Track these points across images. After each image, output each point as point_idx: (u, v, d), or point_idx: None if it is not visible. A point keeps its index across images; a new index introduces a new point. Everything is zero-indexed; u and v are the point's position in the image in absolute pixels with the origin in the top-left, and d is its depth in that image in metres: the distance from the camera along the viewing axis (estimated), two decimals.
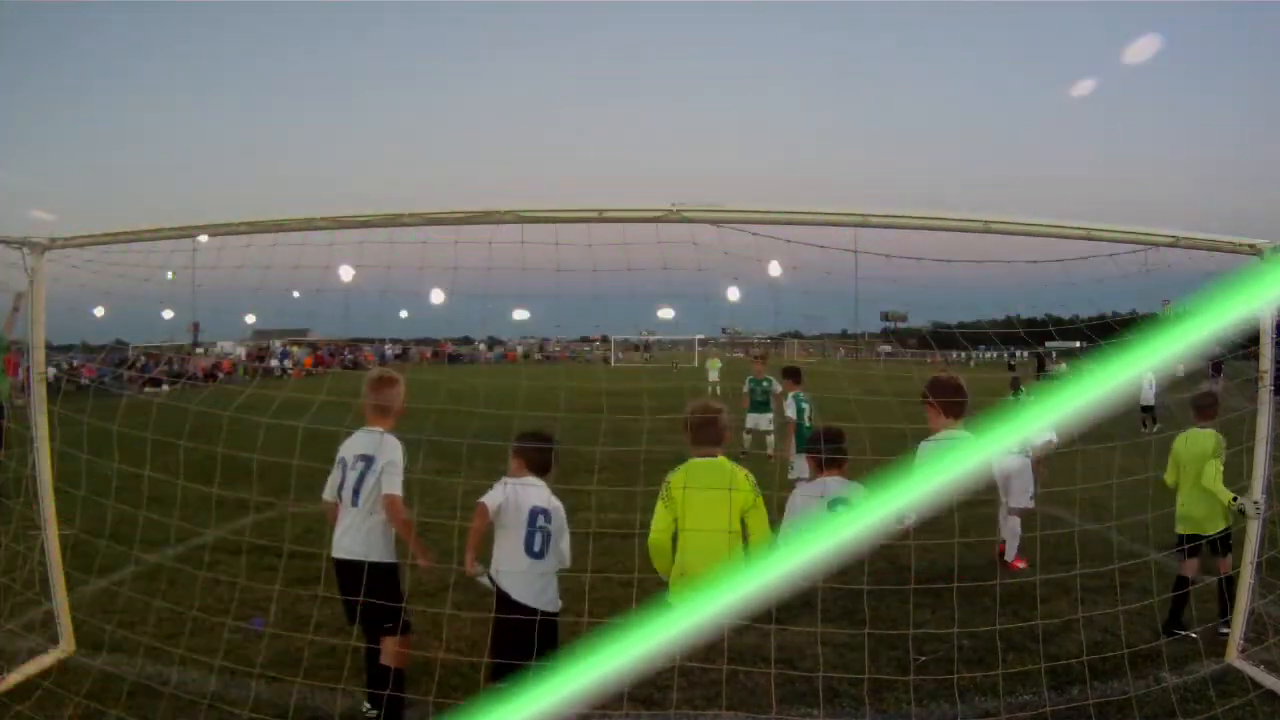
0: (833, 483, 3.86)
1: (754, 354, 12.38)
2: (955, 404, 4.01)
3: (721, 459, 3.70)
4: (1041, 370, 29.97)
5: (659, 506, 3.63)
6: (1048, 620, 4.24)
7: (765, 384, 11.28)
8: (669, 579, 3.68)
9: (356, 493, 3.63)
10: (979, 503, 6.29)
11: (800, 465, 7.14)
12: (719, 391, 20.30)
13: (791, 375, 9.09)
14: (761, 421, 11.36)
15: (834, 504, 3.79)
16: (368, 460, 3.63)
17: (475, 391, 5.49)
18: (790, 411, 8.40)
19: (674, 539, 3.62)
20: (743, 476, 3.63)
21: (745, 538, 3.60)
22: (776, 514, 3.88)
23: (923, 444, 3.95)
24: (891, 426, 4.41)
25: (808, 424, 8.15)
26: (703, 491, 3.54)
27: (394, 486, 3.60)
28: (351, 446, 3.74)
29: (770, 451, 10.77)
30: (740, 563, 3.52)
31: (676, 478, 3.63)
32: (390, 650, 3.61)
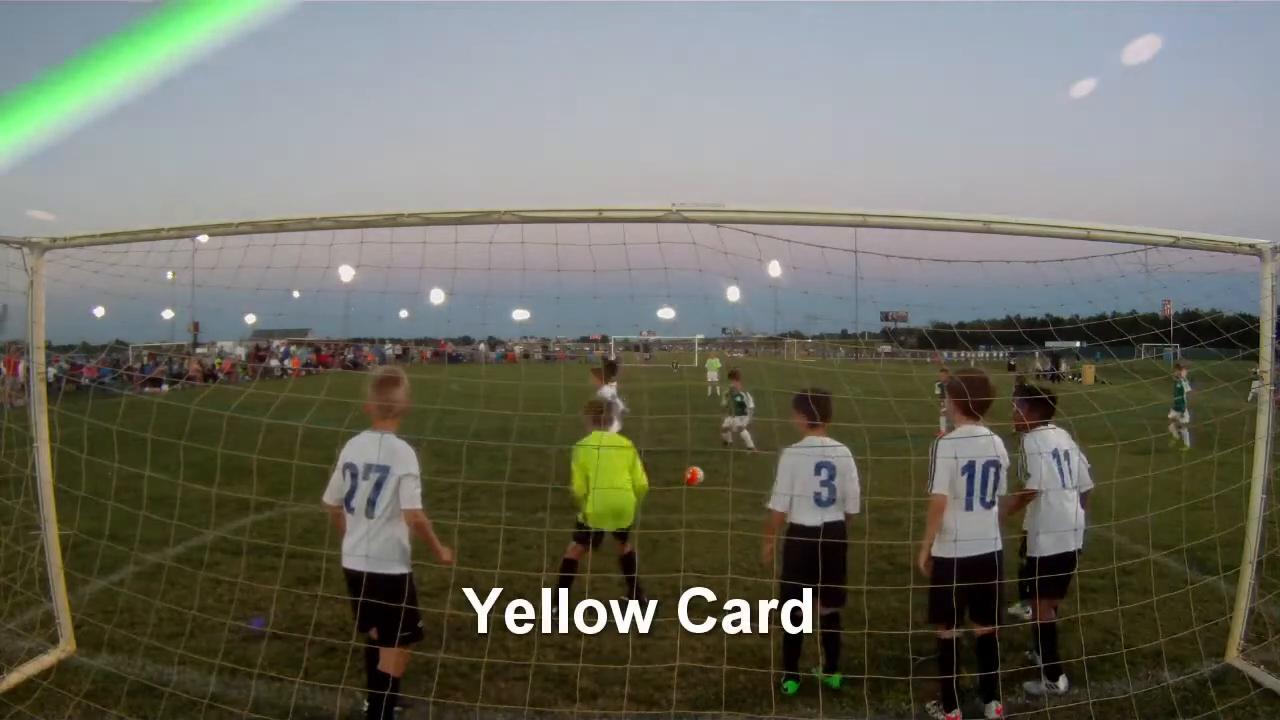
0: (817, 442, 4.09)
1: (731, 370, 13.92)
2: (980, 403, 3.87)
3: (615, 434, 5.20)
4: (1055, 371, 29.82)
5: (574, 468, 4.90)
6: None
7: (740, 397, 13.26)
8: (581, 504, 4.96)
9: (372, 504, 3.50)
10: None
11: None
12: (717, 392, 20.37)
13: (733, 375, 13.31)
14: (737, 422, 13.00)
15: (820, 468, 4.01)
16: (383, 470, 3.50)
17: (475, 391, 5.49)
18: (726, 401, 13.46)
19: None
20: (628, 443, 5.05)
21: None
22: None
23: (941, 441, 3.86)
24: (891, 426, 4.42)
25: (739, 399, 12.80)
26: (606, 455, 4.81)
27: (415, 500, 3.49)
28: (361, 453, 3.57)
29: (751, 447, 12.01)
30: (633, 497, 4.91)
31: (587, 447, 4.90)
32: (392, 659, 3.56)
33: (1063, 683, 4.03)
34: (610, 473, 4.83)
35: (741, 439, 12.50)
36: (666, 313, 4.05)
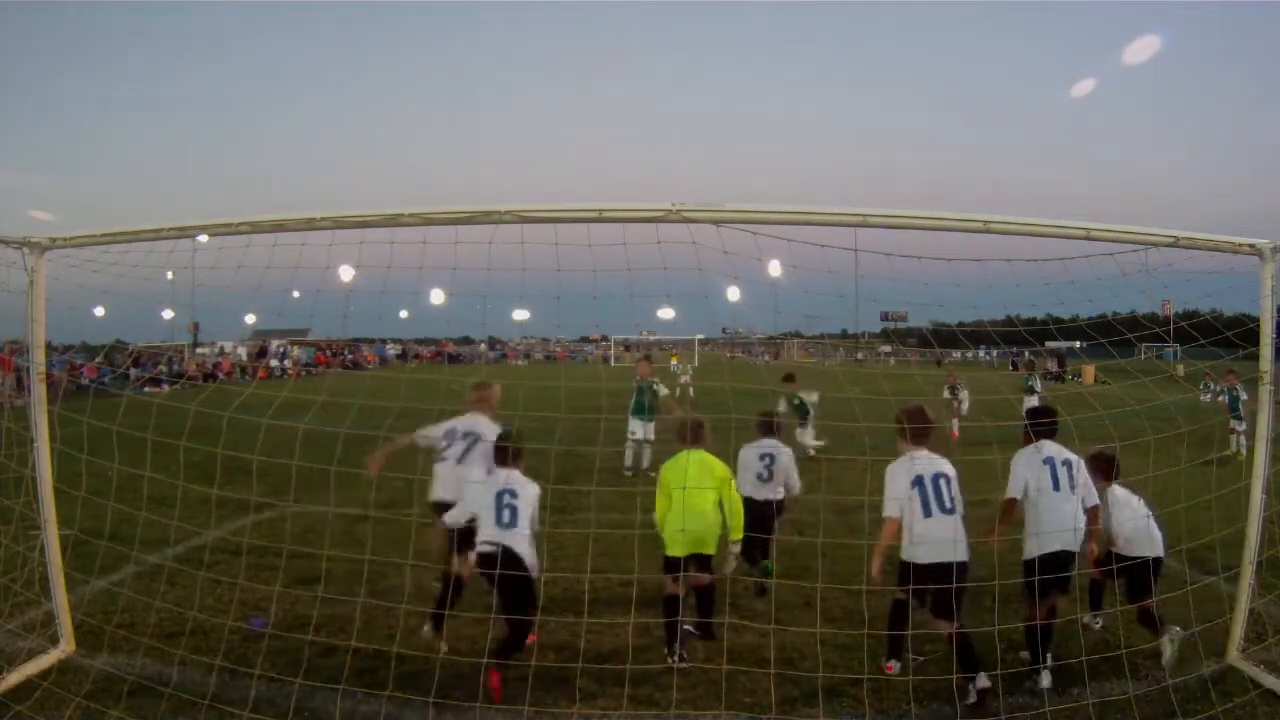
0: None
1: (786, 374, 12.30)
2: (921, 430, 4.26)
3: (703, 453, 4.68)
4: (1060, 371, 29.86)
5: (658, 490, 4.64)
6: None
7: (797, 400, 11.88)
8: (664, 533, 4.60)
9: (467, 452, 4.65)
10: (977, 503, 6.31)
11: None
12: (691, 393, 20.40)
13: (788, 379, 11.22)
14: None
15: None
16: (474, 437, 4.67)
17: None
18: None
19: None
20: (720, 464, 4.65)
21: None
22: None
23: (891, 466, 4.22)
24: (889, 426, 4.42)
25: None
26: (693, 477, 4.51)
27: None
28: (463, 423, 4.78)
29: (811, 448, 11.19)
30: (718, 523, 4.57)
31: (672, 467, 4.62)
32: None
33: (1045, 678, 4.05)
34: (696, 495, 4.51)
35: (803, 444, 11.14)
36: (666, 313, 4.05)
